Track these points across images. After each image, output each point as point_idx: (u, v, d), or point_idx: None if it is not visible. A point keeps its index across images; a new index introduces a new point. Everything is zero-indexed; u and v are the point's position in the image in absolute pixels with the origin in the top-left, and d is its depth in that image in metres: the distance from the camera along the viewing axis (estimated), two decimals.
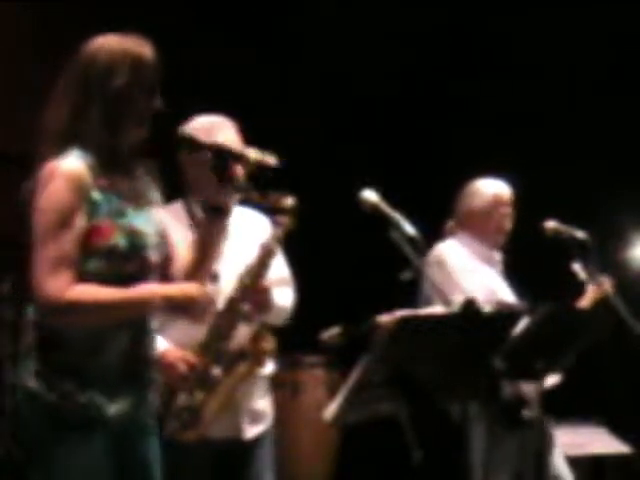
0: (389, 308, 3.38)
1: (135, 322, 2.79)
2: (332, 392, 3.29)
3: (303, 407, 5.44)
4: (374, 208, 3.30)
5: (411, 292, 4.09)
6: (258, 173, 3.01)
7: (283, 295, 3.64)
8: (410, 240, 3.21)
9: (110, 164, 2.74)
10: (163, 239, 2.88)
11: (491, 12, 6.36)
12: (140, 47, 2.79)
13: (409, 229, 3.22)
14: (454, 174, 4.55)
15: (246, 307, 3.42)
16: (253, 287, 3.43)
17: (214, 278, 3.45)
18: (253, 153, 2.92)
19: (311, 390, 5.46)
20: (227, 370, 3.41)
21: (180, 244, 3.06)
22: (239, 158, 2.91)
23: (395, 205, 3.30)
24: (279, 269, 3.64)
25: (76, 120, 2.73)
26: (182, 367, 3.31)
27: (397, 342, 3.03)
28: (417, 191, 5.70)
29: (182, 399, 3.34)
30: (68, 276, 2.64)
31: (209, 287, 3.10)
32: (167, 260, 2.91)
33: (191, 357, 3.34)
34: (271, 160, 2.94)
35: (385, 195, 3.32)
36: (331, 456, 5.63)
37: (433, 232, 4.32)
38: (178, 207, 3.60)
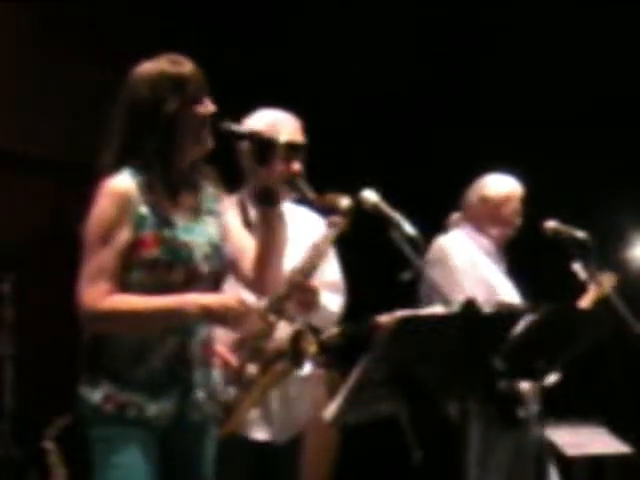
0: (389, 308, 3.38)
1: (181, 328, 2.87)
2: (332, 392, 3.28)
3: None
4: (374, 208, 3.30)
5: (411, 292, 4.09)
6: (291, 154, 3.09)
7: (332, 300, 3.62)
8: (410, 240, 3.21)
9: (165, 183, 2.85)
10: (218, 250, 2.94)
11: (493, 11, 6.36)
12: (176, 65, 2.86)
13: (409, 229, 3.22)
14: (453, 174, 4.56)
15: (291, 306, 3.39)
16: (301, 286, 3.39)
17: None
18: (283, 136, 3.02)
19: (311, 390, 5.44)
20: (263, 369, 3.36)
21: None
22: (270, 141, 2.96)
23: (395, 205, 3.30)
24: (332, 273, 3.64)
25: (128, 148, 2.83)
26: (217, 362, 3.22)
27: (397, 342, 3.03)
28: (417, 191, 5.70)
29: None
30: (105, 287, 2.78)
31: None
32: (225, 269, 2.98)
33: (227, 353, 3.30)
34: (301, 139, 3.08)
35: (385, 195, 3.32)
36: (331, 456, 5.62)
37: (433, 232, 4.32)
38: (233, 201, 3.53)
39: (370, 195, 3.33)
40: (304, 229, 3.59)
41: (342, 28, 6.36)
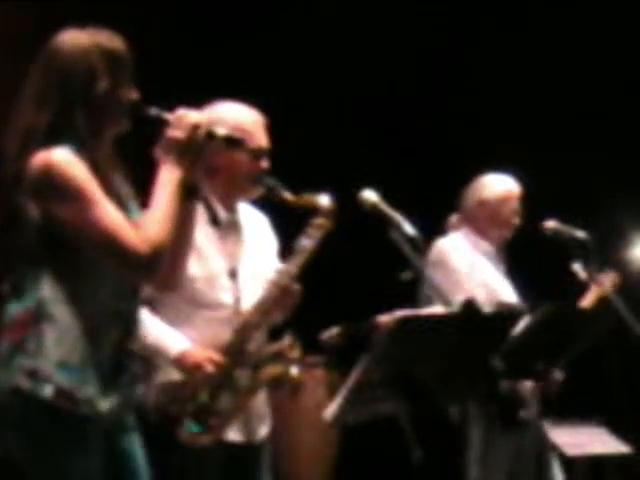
0: (389, 308, 3.37)
1: (125, 314, 2.73)
2: (332, 392, 3.27)
3: (303, 407, 5.44)
4: (374, 208, 3.30)
5: (411, 292, 4.08)
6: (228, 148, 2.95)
7: None
8: (410, 240, 3.21)
9: (97, 162, 2.68)
10: None
11: (492, 10, 6.36)
12: (113, 42, 2.76)
13: (409, 229, 3.22)
14: (453, 174, 4.56)
15: (274, 309, 3.33)
16: (286, 289, 3.32)
17: (233, 275, 3.41)
18: (222, 130, 2.86)
19: (311, 390, 5.45)
20: (255, 373, 3.30)
21: (202, 240, 3.10)
22: (208, 133, 2.81)
23: (395, 205, 3.30)
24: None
25: (60, 121, 2.66)
26: (209, 367, 3.20)
27: (397, 342, 3.03)
28: (417, 190, 5.70)
29: (202, 401, 3.23)
30: (134, 229, 2.60)
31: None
32: None
33: (217, 357, 3.23)
34: (239, 136, 2.91)
35: (385, 195, 3.32)
36: (331, 456, 5.63)
37: (433, 232, 4.32)
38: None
39: (370, 195, 3.32)
40: (257, 226, 3.54)
41: (341, 27, 6.36)
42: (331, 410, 3.05)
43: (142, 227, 2.63)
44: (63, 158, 2.60)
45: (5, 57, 5.68)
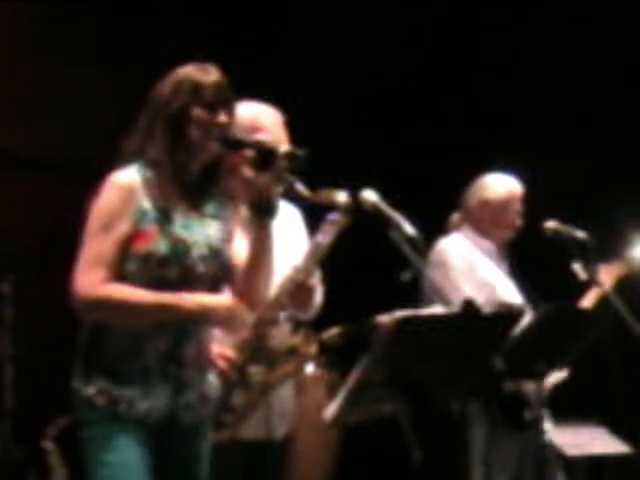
0: (389, 308, 3.37)
1: (175, 325, 2.89)
2: (332, 392, 3.28)
3: (303, 407, 5.42)
4: (374, 208, 3.30)
5: (411, 292, 4.08)
6: (290, 166, 3.04)
7: (318, 290, 3.59)
8: (410, 240, 3.21)
9: (171, 178, 2.90)
10: (216, 253, 2.95)
11: (493, 9, 6.36)
12: (202, 72, 2.95)
13: (409, 229, 3.22)
14: (454, 174, 4.55)
15: (290, 304, 3.36)
16: (302, 285, 3.36)
17: None
18: (284, 147, 3.02)
19: (311, 390, 5.44)
20: (270, 369, 3.34)
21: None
22: (272, 150, 2.99)
23: (395, 205, 3.30)
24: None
25: (144, 139, 2.91)
26: (221, 364, 3.24)
27: (397, 342, 3.03)
28: (417, 190, 5.70)
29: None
30: (102, 274, 2.81)
31: None
32: (224, 274, 2.99)
33: (230, 353, 3.27)
34: (301, 152, 3.02)
35: (385, 195, 3.32)
36: (331, 456, 5.62)
37: (434, 232, 4.32)
38: None
39: (370, 195, 3.33)
40: (288, 224, 3.55)
41: (342, 23, 6.36)
42: (331, 410, 3.05)
43: (120, 282, 2.83)
44: (119, 182, 2.87)
45: (5, 57, 5.68)
